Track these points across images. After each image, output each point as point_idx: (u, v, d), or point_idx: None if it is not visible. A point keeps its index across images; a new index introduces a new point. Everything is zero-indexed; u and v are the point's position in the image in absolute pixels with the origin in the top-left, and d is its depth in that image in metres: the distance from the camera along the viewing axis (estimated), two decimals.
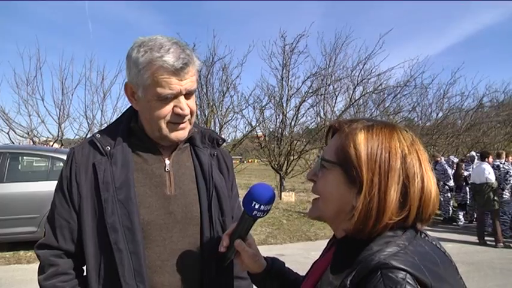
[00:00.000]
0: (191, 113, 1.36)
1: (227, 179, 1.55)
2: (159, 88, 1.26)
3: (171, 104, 1.31)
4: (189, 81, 1.30)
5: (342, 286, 0.85)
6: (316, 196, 1.03)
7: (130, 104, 1.43)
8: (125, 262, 1.26)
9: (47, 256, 1.34)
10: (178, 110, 1.31)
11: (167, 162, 1.42)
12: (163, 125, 1.33)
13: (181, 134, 1.38)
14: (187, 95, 1.33)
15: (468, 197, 11.12)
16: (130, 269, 1.26)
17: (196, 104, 1.45)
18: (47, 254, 1.34)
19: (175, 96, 1.29)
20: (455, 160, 12.60)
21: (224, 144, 1.69)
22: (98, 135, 1.39)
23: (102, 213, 1.28)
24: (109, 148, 1.36)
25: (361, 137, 0.92)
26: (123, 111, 1.52)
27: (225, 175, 1.55)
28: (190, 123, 1.40)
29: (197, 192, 1.43)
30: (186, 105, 1.32)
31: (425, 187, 0.90)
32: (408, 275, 0.77)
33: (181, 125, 1.36)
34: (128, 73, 1.33)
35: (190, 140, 1.49)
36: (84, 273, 1.36)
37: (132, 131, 1.42)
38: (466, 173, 11.11)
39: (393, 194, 0.87)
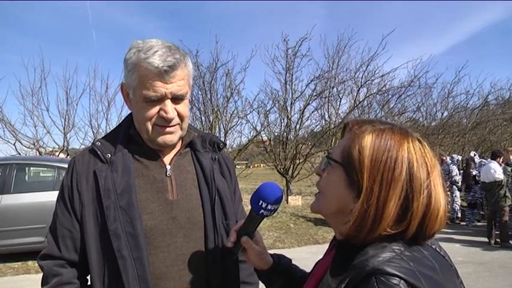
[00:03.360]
0: (181, 118, 1.35)
1: (229, 183, 1.54)
2: (144, 90, 1.27)
3: (157, 107, 1.30)
4: (176, 85, 1.29)
5: None
6: (318, 191, 1.02)
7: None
8: (128, 269, 1.25)
9: (50, 266, 1.33)
10: (162, 114, 1.30)
11: (168, 167, 1.42)
12: (150, 128, 1.33)
13: (169, 138, 1.37)
14: (176, 99, 1.32)
15: (478, 196, 11.03)
16: (135, 275, 1.25)
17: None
18: (50, 264, 1.33)
19: (160, 99, 1.29)
20: (459, 158, 12.52)
21: (230, 149, 1.69)
22: (98, 143, 1.39)
23: (104, 220, 1.28)
24: (109, 155, 1.36)
25: (367, 141, 0.88)
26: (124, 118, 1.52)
27: (227, 179, 1.54)
28: (181, 129, 1.39)
29: (200, 196, 1.42)
30: (173, 109, 1.31)
31: (432, 204, 0.85)
32: (402, 282, 0.75)
33: (168, 129, 1.35)
34: (124, 74, 1.35)
35: (190, 144, 1.49)
36: (89, 283, 1.35)
37: (132, 137, 1.42)
38: (474, 172, 11.03)
39: (392, 207, 0.83)
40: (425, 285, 0.76)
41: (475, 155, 11.70)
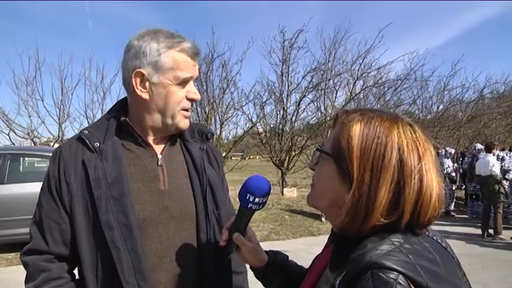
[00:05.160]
0: None
1: (217, 173, 1.54)
2: (179, 71, 1.32)
3: (185, 90, 1.35)
4: (197, 68, 1.38)
5: (332, 287, 0.82)
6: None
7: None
8: (123, 260, 1.22)
9: (36, 262, 1.27)
10: (191, 95, 1.37)
11: (159, 156, 1.40)
12: (177, 112, 1.36)
13: (187, 122, 1.41)
14: (194, 81, 1.39)
15: (479, 188, 11.02)
16: (130, 266, 1.23)
17: (196, 102, 1.50)
18: (37, 259, 1.28)
19: (189, 80, 1.35)
20: (452, 151, 12.55)
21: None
22: (86, 132, 1.35)
23: (95, 211, 1.24)
24: (98, 144, 1.32)
25: (355, 129, 0.87)
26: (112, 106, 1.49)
27: (215, 169, 1.53)
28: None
29: (191, 186, 1.41)
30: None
31: (424, 189, 0.83)
32: (400, 276, 0.73)
33: (188, 113, 1.40)
34: (141, 60, 1.31)
35: (179, 134, 1.47)
36: (77, 277, 1.32)
37: (122, 126, 1.39)
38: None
39: (383, 194, 0.81)
40: (426, 279, 0.74)
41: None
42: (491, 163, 8.71)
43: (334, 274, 0.86)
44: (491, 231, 8.70)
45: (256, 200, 1.14)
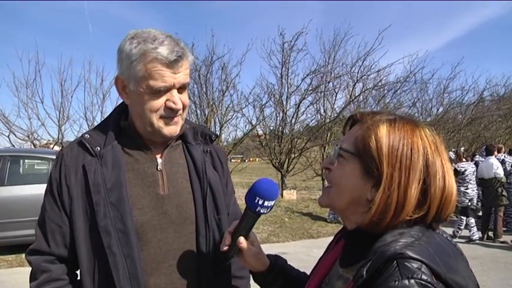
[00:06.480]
0: (183, 107, 1.34)
1: (221, 175, 1.52)
2: (152, 81, 1.23)
3: (164, 98, 1.28)
4: (183, 75, 1.28)
5: (358, 276, 0.83)
6: (328, 185, 1.02)
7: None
8: (119, 266, 1.23)
9: (38, 262, 1.30)
10: (170, 104, 1.28)
11: (159, 160, 1.39)
12: (155, 120, 1.30)
13: (174, 129, 1.34)
14: (180, 88, 1.30)
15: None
16: (125, 273, 1.23)
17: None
18: (39, 260, 1.31)
19: (168, 89, 1.27)
20: (452, 156, 12.57)
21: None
22: (87, 136, 1.36)
23: (94, 216, 1.25)
24: (99, 148, 1.32)
25: (383, 130, 0.91)
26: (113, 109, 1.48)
27: (219, 171, 1.51)
28: (182, 118, 1.37)
29: (191, 190, 1.40)
30: (179, 99, 1.30)
31: (447, 187, 0.89)
32: (424, 266, 0.77)
33: (174, 119, 1.33)
34: (120, 66, 1.30)
35: (182, 137, 1.46)
36: (78, 278, 1.33)
37: (122, 130, 1.39)
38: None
39: (414, 191, 0.87)
40: (444, 270, 0.78)
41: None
42: (495, 166, 8.70)
43: (350, 269, 0.90)
44: (491, 233, 8.70)
45: (266, 203, 1.13)
